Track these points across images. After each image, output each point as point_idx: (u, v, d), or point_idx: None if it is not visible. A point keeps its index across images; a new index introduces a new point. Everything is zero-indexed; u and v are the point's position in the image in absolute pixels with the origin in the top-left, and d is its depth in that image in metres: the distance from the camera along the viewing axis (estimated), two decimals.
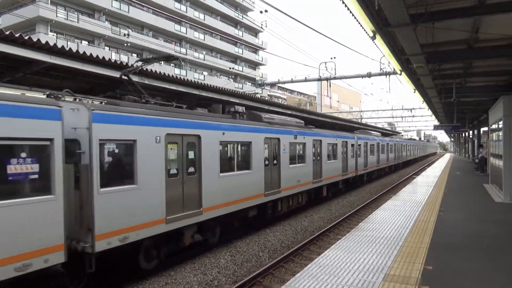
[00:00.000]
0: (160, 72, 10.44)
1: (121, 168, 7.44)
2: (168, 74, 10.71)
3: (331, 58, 25.37)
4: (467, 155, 50.67)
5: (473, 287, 5.41)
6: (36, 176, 5.82)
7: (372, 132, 31.77)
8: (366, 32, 9.30)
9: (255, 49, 59.30)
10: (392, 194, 18.23)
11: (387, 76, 23.00)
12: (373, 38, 9.39)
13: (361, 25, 9.00)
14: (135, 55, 41.75)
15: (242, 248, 10.49)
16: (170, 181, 8.26)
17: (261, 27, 38.61)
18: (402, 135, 60.29)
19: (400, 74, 14.70)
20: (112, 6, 38.35)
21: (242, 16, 51.00)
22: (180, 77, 11.84)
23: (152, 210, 7.75)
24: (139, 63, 9.14)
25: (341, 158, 19.85)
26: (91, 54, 8.32)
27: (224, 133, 10.15)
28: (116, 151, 7.31)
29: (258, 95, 24.56)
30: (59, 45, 7.70)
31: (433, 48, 11.24)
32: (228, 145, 10.69)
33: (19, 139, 5.64)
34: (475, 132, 39.39)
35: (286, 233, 12.18)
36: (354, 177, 22.71)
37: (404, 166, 43.76)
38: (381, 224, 9.42)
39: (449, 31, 9.87)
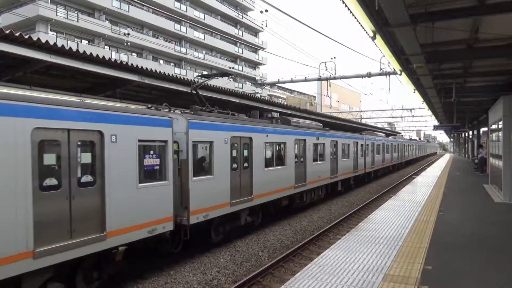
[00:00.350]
0: (160, 71, 10.44)
1: (203, 162, 9.83)
2: (168, 74, 10.72)
3: (331, 58, 25.40)
4: (466, 155, 50.67)
5: (472, 286, 5.42)
6: (158, 167, 8.17)
7: (378, 133, 33.85)
8: (366, 32, 9.30)
9: (255, 48, 59.33)
10: (392, 194, 18.25)
11: (387, 76, 23.01)
12: (373, 38, 9.39)
13: (361, 25, 9.00)
14: (135, 54, 41.76)
15: (241, 247, 10.49)
16: (233, 174, 10.57)
17: (261, 27, 38.56)
18: (402, 135, 60.30)
19: (400, 74, 14.70)
20: (112, 5, 38.35)
21: (242, 16, 50.97)
22: (180, 77, 11.86)
23: (222, 195, 10.13)
24: (202, 79, 11.16)
25: (352, 157, 22.09)
26: (91, 53, 8.32)
27: (267, 135, 12.50)
28: (201, 149, 9.71)
29: (258, 95, 24.58)
30: (59, 44, 7.71)
31: (432, 48, 11.24)
32: (270, 145, 13.01)
33: (151, 141, 7.97)
34: (475, 132, 39.39)
35: (286, 233, 12.19)
36: (363, 174, 24.81)
37: (406, 165, 45.21)
38: (380, 224, 9.43)
39: (448, 31, 9.87)
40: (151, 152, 8.00)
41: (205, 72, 48.58)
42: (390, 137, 39.12)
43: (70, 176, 6.22)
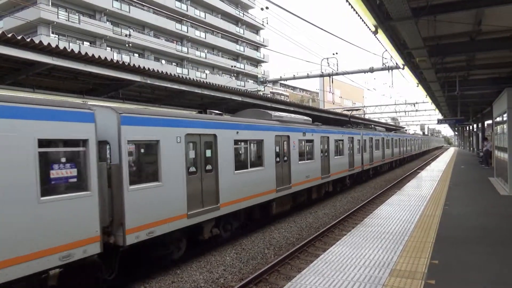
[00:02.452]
0: (162, 71, 10.45)
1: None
2: (170, 73, 10.72)
3: (333, 54, 25.22)
4: (471, 148, 50.41)
5: (479, 280, 5.39)
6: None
7: (406, 131, 55.34)
8: (368, 27, 9.25)
9: (256, 46, 59.22)
10: (397, 189, 18.20)
11: (390, 70, 22.90)
12: (375, 32, 9.34)
13: (362, 20, 8.95)
14: (137, 54, 41.82)
15: (247, 245, 10.51)
16: (368, 151, 24.22)
17: (262, 24, 38.50)
18: (406, 130, 60.51)
19: (403, 69, 14.66)
20: (112, 7, 38.39)
21: (243, 14, 50.87)
22: (182, 76, 11.87)
23: (359, 162, 22.34)
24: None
25: (399, 147, 36.49)
26: (93, 55, 8.34)
27: (376, 136, 26.34)
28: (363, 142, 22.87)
29: (261, 93, 24.54)
30: (61, 47, 7.72)
31: (435, 42, 11.17)
32: (375, 141, 26.39)
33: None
34: (479, 125, 39.15)
35: (291, 230, 12.19)
36: (404, 157, 40.66)
37: (423, 154, 60.18)
38: (386, 219, 9.41)
39: (451, 24, 9.80)
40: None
41: (207, 71, 48.81)
42: (412, 134, 56.91)
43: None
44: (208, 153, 9.42)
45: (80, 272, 6.58)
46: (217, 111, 10.79)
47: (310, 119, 16.71)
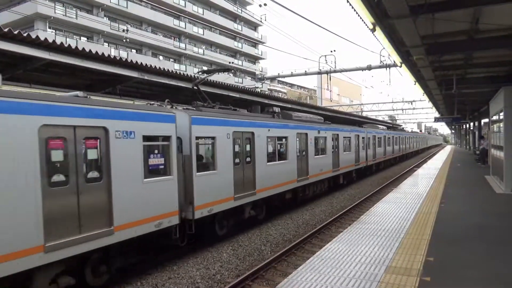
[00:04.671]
0: (159, 67, 10.42)
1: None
2: (168, 69, 10.69)
3: (331, 51, 25.25)
4: (468, 147, 50.61)
5: (474, 277, 5.43)
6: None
7: (419, 132, 74.63)
8: (366, 25, 9.23)
9: (254, 43, 59.08)
10: (393, 186, 18.25)
11: (387, 68, 22.93)
12: (373, 30, 9.32)
13: (360, 18, 8.93)
14: (134, 50, 41.64)
15: (244, 242, 10.53)
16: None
17: (260, 21, 38.42)
18: (402, 128, 60.88)
19: (401, 67, 14.64)
20: (110, 2, 38.15)
21: (241, 10, 50.69)
22: (180, 72, 11.83)
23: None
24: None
25: (416, 142, 51.65)
26: (90, 50, 8.31)
27: (403, 135, 42.47)
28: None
29: (258, 89, 24.54)
30: (58, 42, 7.69)
31: (433, 40, 11.16)
32: (405, 138, 43.09)
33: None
34: (476, 123, 39.29)
35: (288, 227, 12.22)
36: (419, 150, 55.69)
37: (429, 149, 77.13)
38: (382, 216, 9.45)
39: (449, 22, 9.80)
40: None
41: (205, 68, 48.67)
42: (420, 133, 74.40)
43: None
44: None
45: None
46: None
47: (385, 126, 33.73)
